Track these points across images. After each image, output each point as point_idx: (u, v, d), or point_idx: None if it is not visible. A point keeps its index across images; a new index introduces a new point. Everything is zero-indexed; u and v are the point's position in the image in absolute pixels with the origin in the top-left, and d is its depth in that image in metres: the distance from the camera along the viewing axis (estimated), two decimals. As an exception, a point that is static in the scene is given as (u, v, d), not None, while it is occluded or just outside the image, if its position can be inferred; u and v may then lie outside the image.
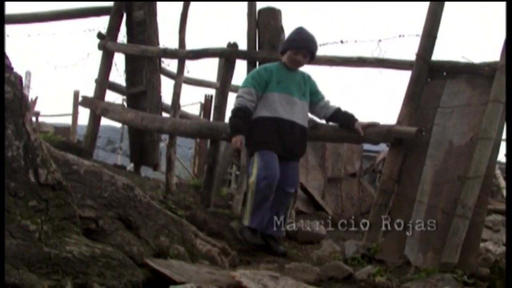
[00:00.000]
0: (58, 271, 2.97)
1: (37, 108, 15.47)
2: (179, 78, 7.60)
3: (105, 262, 3.16)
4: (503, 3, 4.31)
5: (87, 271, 3.05)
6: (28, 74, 15.05)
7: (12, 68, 3.16)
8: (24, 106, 3.26)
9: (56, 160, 3.53)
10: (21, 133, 3.17)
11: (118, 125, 13.53)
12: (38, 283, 2.85)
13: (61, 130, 14.64)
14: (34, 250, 2.95)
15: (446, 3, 5.00)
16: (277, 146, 4.78)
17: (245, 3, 6.81)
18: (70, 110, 13.94)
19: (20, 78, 3.27)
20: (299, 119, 4.89)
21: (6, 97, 3.05)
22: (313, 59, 4.97)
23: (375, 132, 5.06)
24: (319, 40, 5.06)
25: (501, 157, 14.58)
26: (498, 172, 10.31)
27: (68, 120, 14.58)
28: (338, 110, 5.04)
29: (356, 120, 4.95)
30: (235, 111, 4.78)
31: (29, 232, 3.00)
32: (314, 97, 5.07)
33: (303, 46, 4.82)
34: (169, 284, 3.18)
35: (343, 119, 5.00)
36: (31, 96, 15.03)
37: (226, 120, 8.68)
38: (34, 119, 15.11)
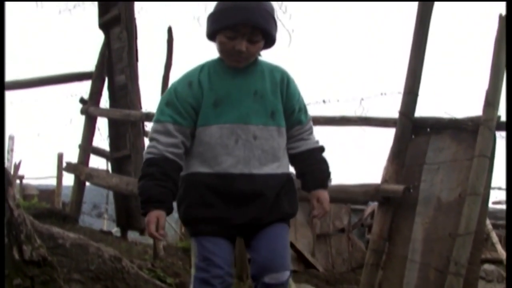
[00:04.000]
0: None
1: (21, 171, 15.38)
2: (163, 141, 7.57)
3: None
4: (481, 59, 4.37)
5: None
6: (11, 138, 15.01)
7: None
8: (7, 181, 3.22)
9: (40, 234, 3.48)
10: (4, 210, 3.12)
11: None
12: None
13: (45, 193, 14.54)
14: (20, 332, 2.88)
15: (426, 60, 5.06)
16: (224, 223, 2.59)
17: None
18: (54, 172, 13.84)
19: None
20: (263, 164, 2.61)
21: (-12, 174, 3.01)
22: (272, 40, 2.60)
23: (362, 191, 5.04)
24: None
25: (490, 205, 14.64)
26: (489, 227, 10.29)
27: (52, 182, 14.47)
28: (312, 152, 2.75)
29: (322, 186, 2.73)
30: (142, 168, 2.59)
31: (14, 312, 2.93)
32: (287, 118, 2.71)
33: (242, 19, 2.45)
34: None
35: (308, 171, 2.75)
36: (14, 160, 14.96)
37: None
38: (18, 182, 15.01)
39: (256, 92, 2.61)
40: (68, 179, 10.48)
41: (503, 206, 14.63)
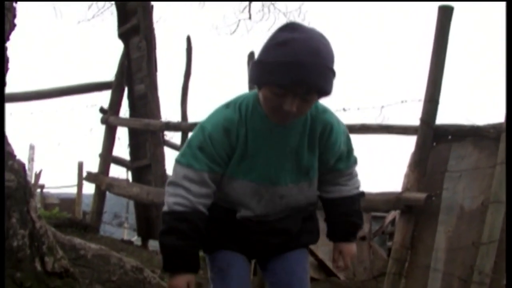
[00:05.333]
0: None
1: (41, 181, 15.52)
2: (183, 150, 7.61)
3: None
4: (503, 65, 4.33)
5: None
6: (32, 147, 15.17)
7: (15, 156, 3.15)
8: (28, 193, 3.24)
9: (62, 245, 3.50)
10: (26, 221, 3.14)
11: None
12: None
13: (66, 202, 14.64)
14: None
15: (446, 66, 5.03)
16: (242, 246, 2.42)
17: (245, 70, 6.88)
18: (74, 181, 13.95)
19: (23, 165, 3.25)
20: (284, 212, 2.41)
21: (9, 186, 3.03)
22: (327, 94, 2.14)
23: (383, 200, 5.02)
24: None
25: None
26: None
27: (73, 190, 14.60)
28: (345, 200, 2.45)
29: (348, 239, 2.51)
30: (169, 220, 2.25)
31: (37, 324, 2.95)
32: (323, 165, 2.38)
33: (298, 79, 2.02)
34: None
35: (336, 221, 2.50)
36: (35, 169, 15.09)
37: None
38: (39, 191, 15.12)
39: (291, 150, 2.28)
40: (89, 188, 10.57)
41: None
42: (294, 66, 1.99)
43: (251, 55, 6.56)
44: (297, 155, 2.29)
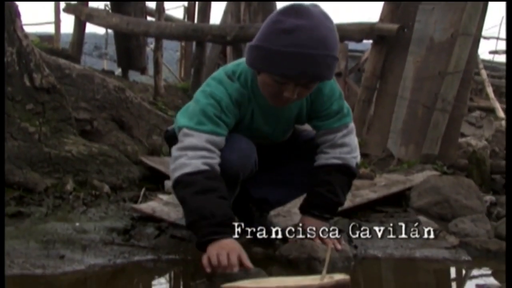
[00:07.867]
0: (59, 170, 3.15)
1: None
2: (162, -20, 7.57)
3: (103, 160, 3.33)
4: None
5: (86, 169, 3.23)
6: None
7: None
8: (14, 13, 3.33)
9: (48, 65, 3.62)
10: (13, 39, 3.26)
11: (101, 32, 13.45)
12: (41, 181, 3.04)
13: (44, 38, 14.49)
14: (35, 151, 3.12)
15: None
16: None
17: None
18: (51, 18, 13.72)
19: (7, -17, 3.32)
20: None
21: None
22: (328, 80, 2.13)
23: (358, 29, 5.14)
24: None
25: (485, 55, 14.70)
26: (485, 77, 10.49)
27: (49, 29, 14.36)
28: (319, 170, 2.33)
29: (310, 212, 2.32)
30: (202, 181, 2.05)
31: (29, 133, 3.15)
32: (314, 121, 2.34)
33: (302, 71, 1.98)
34: (163, 179, 3.37)
35: (308, 192, 2.37)
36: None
37: (211, 22, 8.72)
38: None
39: (289, 118, 2.32)
40: (67, 26, 10.51)
41: (501, 57, 14.73)
42: (301, 58, 1.93)
43: None
44: (295, 120, 2.34)
